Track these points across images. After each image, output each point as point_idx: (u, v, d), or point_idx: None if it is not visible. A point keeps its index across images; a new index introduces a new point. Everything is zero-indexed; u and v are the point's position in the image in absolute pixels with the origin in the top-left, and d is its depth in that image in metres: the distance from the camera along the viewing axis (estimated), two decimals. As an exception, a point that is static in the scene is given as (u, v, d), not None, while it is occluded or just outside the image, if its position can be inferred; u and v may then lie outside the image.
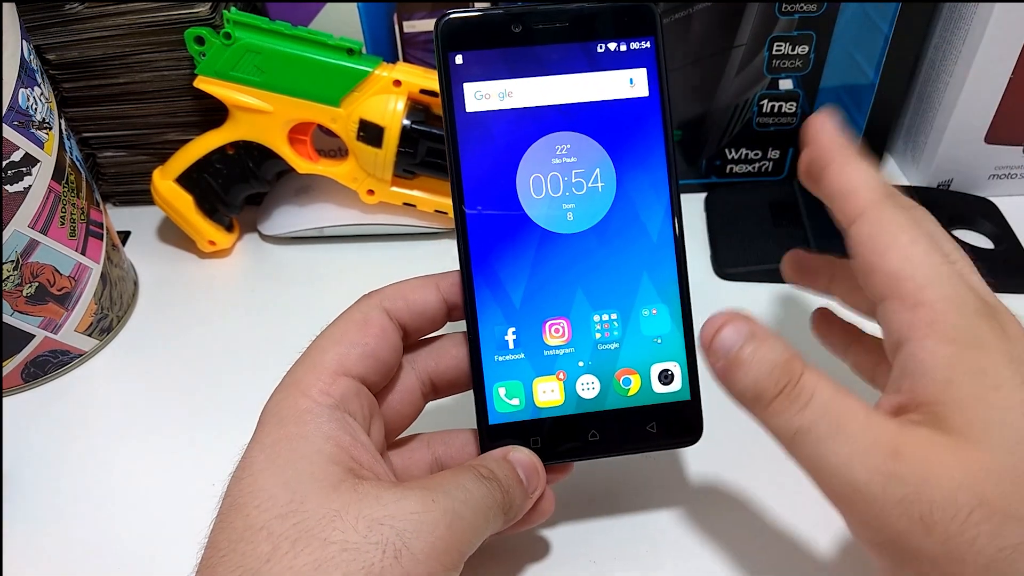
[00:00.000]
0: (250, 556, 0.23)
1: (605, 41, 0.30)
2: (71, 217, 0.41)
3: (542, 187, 0.30)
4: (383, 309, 0.30)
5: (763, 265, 0.46)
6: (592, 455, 0.31)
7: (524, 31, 0.30)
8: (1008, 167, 0.51)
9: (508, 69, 0.30)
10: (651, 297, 0.31)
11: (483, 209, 0.30)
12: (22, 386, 0.42)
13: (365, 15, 0.47)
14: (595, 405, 0.31)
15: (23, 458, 0.39)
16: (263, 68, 0.44)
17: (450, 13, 0.30)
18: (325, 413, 0.27)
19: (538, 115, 0.30)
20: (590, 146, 0.31)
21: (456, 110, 0.30)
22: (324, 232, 0.50)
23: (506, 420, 0.30)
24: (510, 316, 0.30)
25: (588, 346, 0.31)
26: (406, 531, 0.24)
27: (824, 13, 0.46)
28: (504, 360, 0.30)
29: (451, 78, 0.30)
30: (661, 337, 0.31)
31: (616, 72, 0.30)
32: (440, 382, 0.32)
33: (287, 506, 0.24)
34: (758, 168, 0.53)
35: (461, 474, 0.27)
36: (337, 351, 0.28)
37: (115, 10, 0.45)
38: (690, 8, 0.46)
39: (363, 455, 0.27)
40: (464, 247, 0.30)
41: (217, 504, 0.26)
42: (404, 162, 0.46)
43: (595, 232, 0.31)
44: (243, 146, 0.47)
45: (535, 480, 0.29)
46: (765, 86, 0.49)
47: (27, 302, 0.40)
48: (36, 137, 0.38)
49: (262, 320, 0.46)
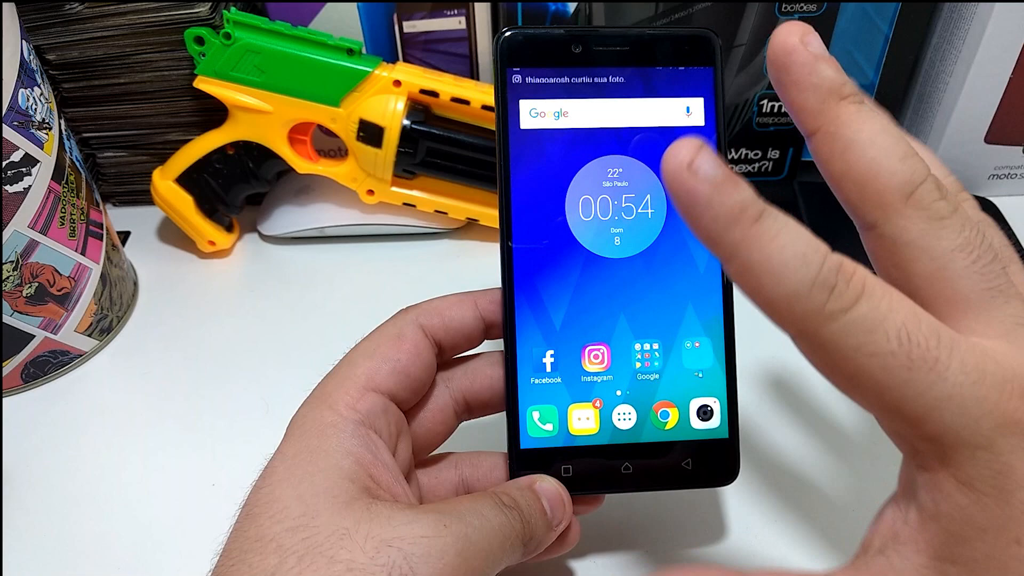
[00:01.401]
0: (257, 567, 0.23)
1: (664, 68, 0.30)
2: (71, 217, 0.41)
3: (591, 209, 0.30)
4: (418, 325, 0.29)
5: (763, 265, 0.46)
6: (623, 488, 0.30)
7: (584, 52, 0.30)
8: (1008, 167, 0.51)
9: (565, 89, 0.30)
10: (695, 329, 0.30)
11: (530, 230, 0.30)
12: (22, 386, 0.42)
13: (365, 15, 0.47)
14: (630, 436, 0.30)
15: (23, 458, 0.39)
16: (263, 68, 0.44)
17: (510, 29, 0.30)
18: (349, 428, 0.26)
19: (592, 137, 0.30)
20: (642, 171, 0.30)
21: (510, 126, 0.30)
22: (324, 232, 0.50)
23: (538, 445, 0.30)
24: (549, 338, 0.30)
25: (627, 375, 0.30)
26: (414, 555, 0.23)
27: (824, 13, 0.46)
28: (540, 383, 0.30)
29: (507, 94, 0.30)
30: (702, 371, 0.30)
31: (673, 100, 0.30)
32: (474, 402, 0.31)
33: (298, 520, 0.24)
34: (758, 168, 0.53)
35: (480, 500, 0.26)
36: (368, 366, 0.28)
37: (115, 10, 0.45)
38: (690, 8, 0.46)
39: (382, 474, 0.26)
40: (508, 265, 0.30)
41: (236, 511, 0.26)
42: (404, 162, 0.46)
43: (642, 259, 0.30)
44: (243, 146, 0.47)
45: (560, 512, 0.29)
46: (765, 86, 0.49)
47: (27, 302, 0.40)
48: (36, 137, 0.38)
49: (262, 320, 0.46)
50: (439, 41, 0.49)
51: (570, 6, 0.47)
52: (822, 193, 0.53)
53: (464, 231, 0.51)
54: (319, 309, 0.47)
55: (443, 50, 0.49)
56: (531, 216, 0.30)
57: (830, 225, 0.28)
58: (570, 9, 0.47)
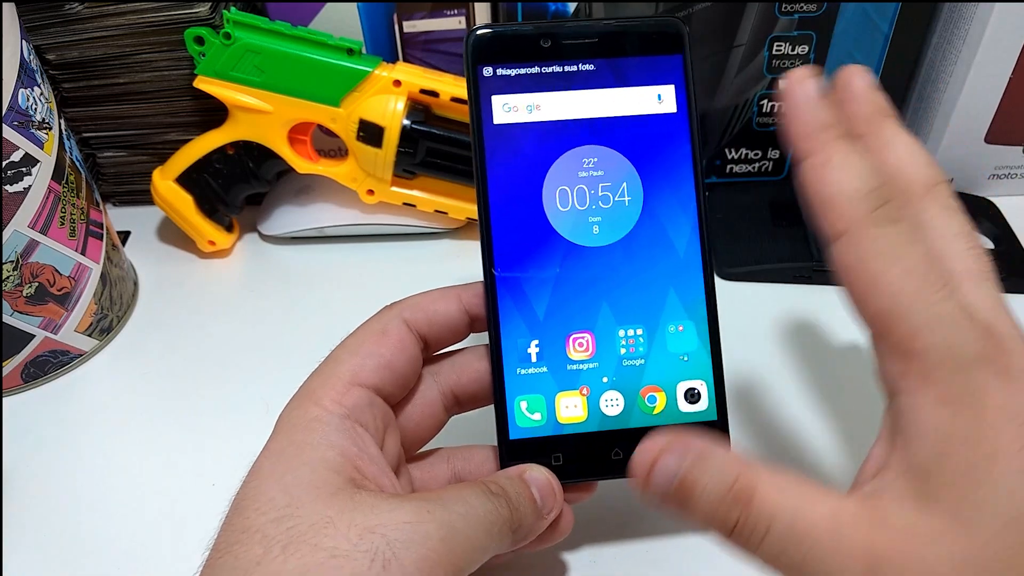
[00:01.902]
0: (242, 558, 0.23)
1: (633, 57, 0.30)
2: (71, 217, 0.41)
3: (568, 200, 0.30)
4: (403, 320, 0.30)
5: (763, 265, 0.46)
6: (615, 475, 0.30)
7: (553, 46, 0.30)
8: (1008, 167, 0.51)
9: (536, 83, 0.30)
10: (678, 313, 0.30)
11: (508, 222, 0.30)
12: (22, 386, 0.42)
13: (365, 15, 0.47)
14: (619, 423, 0.30)
15: (23, 458, 0.39)
16: (263, 68, 0.44)
17: (480, 27, 0.30)
18: (334, 422, 0.27)
19: (565, 128, 0.30)
20: (617, 160, 0.30)
21: (484, 122, 0.30)
22: (324, 232, 0.50)
23: (527, 435, 0.30)
24: (534, 329, 0.30)
25: (613, 362, 0.30)
26: (397, 540, 0.23)
27: (824, 13, 0.46)
28: (526, 373, 0.30)
29: (479, 90, 0.30)
30: (687, 355, 0.30)
31: (644, 88, 0.30)
32: (463, 395, 0.31)
33: (283, 510, 0.24)
34: (758, 168, 0.53)
35: (467, 488, 0.27)
36: (353, 362, 0.28)
37: (115, 10, 0.45)
38: (690, 8, 0.46)
39: (368, 466, 0.26)
40: (488, 258, 0.30)
41: (226, 507, 0.26)
42: (404, 162, 0.46)
43: (621, 246, 0.30)
44: (243, 146, 0.47)
45: (550, 501, 0.29)
46: (765, 86, 0.49)
47: (27, 302, 0.40)
48: (36, 137, 0.38)
49: (262, 320, 0.46)
50: (439, 41, 0.49)
51: (570, 6, 0.47)
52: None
53: (464, 231, 0.51)
54: (319, 309, 0.47)
55: (443, 50, 0.49)
56: (509, 209, 0.30)
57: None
58: (570, 9, 0.47)
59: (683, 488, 0.24)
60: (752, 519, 0.22)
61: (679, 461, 0.24)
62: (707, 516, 0.23)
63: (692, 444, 0.24)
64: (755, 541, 0.22)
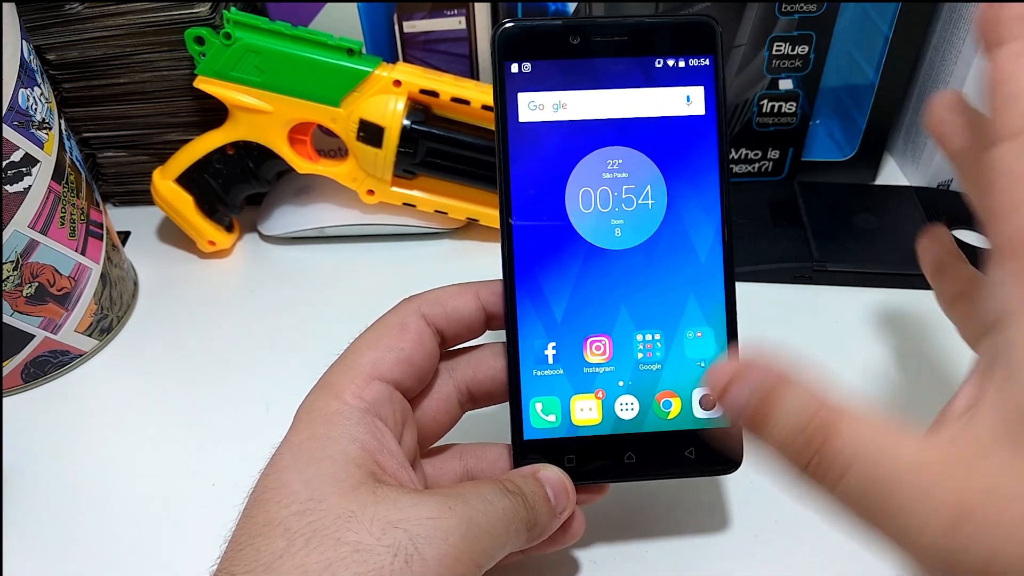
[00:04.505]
0: (264, 551, 0.23)
1: (663, 57, 0.30)
2: (71, 217, 0.41)
3: (591, 201, 0.30)
4: (421, 314, 0.30)
5: (763, 265, 0.46)
6: (627, 478, 0.30)
7: (582, 43, 0.29)
8: (1008, 167, 0.51)
9: (563, 81, 0.30)
10: (697, 319, 0.30)
11: (530, 221, 0.30)
12: (22, 386, 0.42)
13: (365, 15, 0.47)
14: (633, 427, 0.30)
15: (23, 458, 0.39)
16: (263, 68, 0.44)
17: (508, 21, 0.29)
18: (355, 416, 0.27)
19: (591, 128, 0.30)
20: (642, 162, 0.30)
21: (509, 119, 0.30)
22: (324, 232, 0.50)
23: (541, 436, 0.30)
24: (551, 330, 0.30)
25: (629, 366, 0.30)
26: (419, 536, 0.24)
27: (824, 13, 0.46)
28: (542, 375, 0.30)
29: (506, 87, 0.30)
30: (705, 361, 0.30)
31: (673, 89, 0.30)
32: (477, 392, 0.31)
33: (305, 504, 0.24)
34: (758, 168, 0.53)
35: (484, 485, 0.27)
36: (372, 355, 0.28)
37: (115, 10, 0.45)
38: (690, 8, 0.46)
39: (388, 461, 0.27)
40: (508, 257, 0.30)
41: (243, 500, 0.26)
42: (404, 162, 0.46)
43: (643, 249, 0.30)
44: (243, 146, 0.47)
45: (564, 500, 0.29)
46: (765, 86, 0.49)
47: (27, 302, 0.40)
48: (36, 137, 0.38)
49: (262, 320, 0.46)
50: (439, 41, 0.49)
51: (570, 6, 0.47)
52: (822, 193, 0.53)
53: (464, 231, 0.51)
54: (319, 309, 0.47)
55: (443, 50, 0.49)
56: (531, 209, 0.30)
57: (830, 225, 0.28)
58: (570, 9, 0.47)
59: (755, 421, 0.22)
60: (828, 459, 0.21)
61: (750, 393, 0.22)
62: (780, 451, 0.22)
63: (766, 375, 0.22)
64: (831, 481, 0.21)
